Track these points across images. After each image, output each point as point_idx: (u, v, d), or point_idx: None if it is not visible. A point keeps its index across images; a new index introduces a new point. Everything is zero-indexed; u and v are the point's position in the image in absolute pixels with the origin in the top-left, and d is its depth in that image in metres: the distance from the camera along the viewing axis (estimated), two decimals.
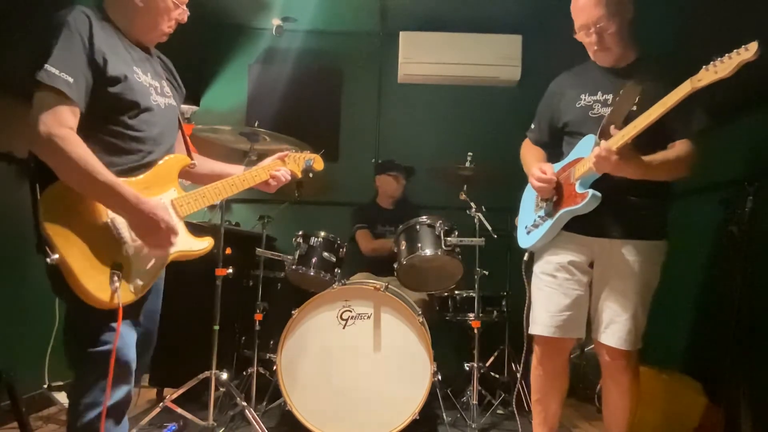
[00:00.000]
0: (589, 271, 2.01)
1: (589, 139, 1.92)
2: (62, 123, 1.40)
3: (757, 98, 2.44)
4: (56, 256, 1.38)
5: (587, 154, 1.87)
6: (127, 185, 1.49)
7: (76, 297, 1.43)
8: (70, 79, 1.42)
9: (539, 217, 2.07)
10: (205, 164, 1.94)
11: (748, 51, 1.49)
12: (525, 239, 2.15)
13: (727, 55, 1.53)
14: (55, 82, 1.40)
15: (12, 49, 2.41)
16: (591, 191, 1.86)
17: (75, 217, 1.45)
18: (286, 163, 2.11)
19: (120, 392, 1.52)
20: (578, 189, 1.91)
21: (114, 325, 1.47)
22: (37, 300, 2.73)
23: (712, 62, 1.57)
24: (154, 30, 1.67)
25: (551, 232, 2.03)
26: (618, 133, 1.79)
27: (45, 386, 2.80)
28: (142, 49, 1.68)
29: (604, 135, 1.84)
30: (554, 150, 2.18)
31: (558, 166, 2.07)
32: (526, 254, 2.20)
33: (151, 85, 1.66)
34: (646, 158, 1.80)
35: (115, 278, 1.46)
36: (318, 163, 2.26)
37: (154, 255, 1.59)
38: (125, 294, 1.49)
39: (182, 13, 1.70)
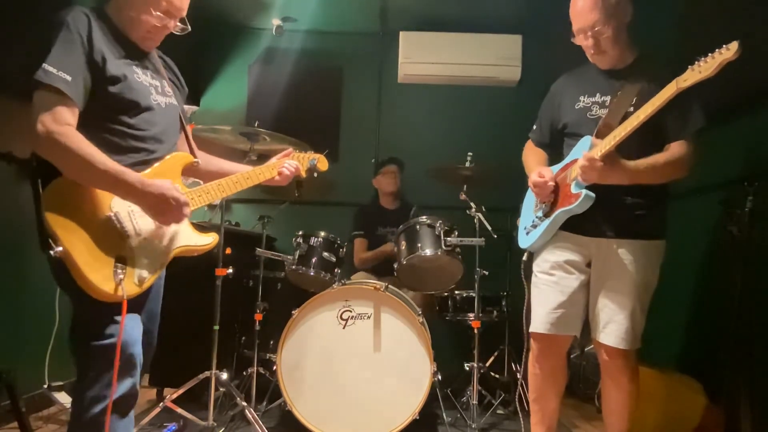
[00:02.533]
0: (586, 270, 2.02)
1: (586, 141, 1.93)
2: (60, 120, 1.42)
3: (757, 98, 2.44)
4: (60, 248, 1.39)
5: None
6: (131, 171, 1.50)
7: (80, 290, 1.44)
8: (68, 78, 1.43)
9: (537, 217, 2.10)
10: (214, 162, 1.95)
11: (729, 50, 1.52)
12: (524, 239, 2.18)
13: (710, 54, 1.56)
14: (53, 81, 1.41)
15: (12, 49, 2.41)
16: (584, 191, 1.87)
17: (78, 211, 1.46)
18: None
19: (124, 386, 1.53)
20: (573, 189, 1.93)
21: (118, 318, 1.47)
22: (37, 300, 2.73)
23: (696, 62, 1.60)
24: (138, 30, 1.64)
25: (548, 233, 2.05)
26: (601, 142, 1.80)
27: (45, 386, 2.80)
28: (142, 50, 1.68)
29: (600, 136, 1.85)
30: (555, 151, 2.19)
31: (557, 167, 2.09)
32: (525, 254, 2.22)
33: (151, 84, 1.67)
34: (632, 163, 1.81)
35: (119, 270, 1.47)
36: (322, 163, 2.27)
37: (161, 241, 1.59)
38: (129, 286, 1.50)
39: (166, 21, 1.66)
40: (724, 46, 1.53)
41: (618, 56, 1.98)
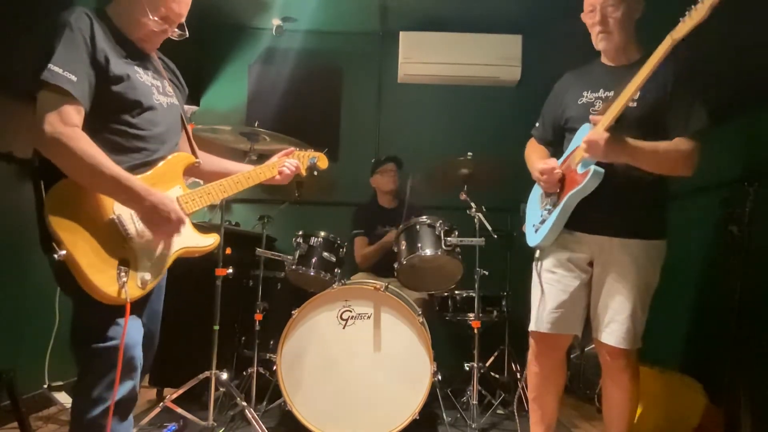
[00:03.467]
0: (588, 269, 2.02)
1: (586, 128, 1.93)
2: (67, 121, 1.42)
3: (757, 98, 2.44)
4: (63, 252, 1.39)
5: None
6: (136, 178, 1.50)
7: (83, 293, 1.44)
8: (74, 78, 1.43)
9: (546, 211, 2.06)
10: (215, 162, 1.96)
11: None
12: (533, 237, 2.13)
13: (700, 0, 1.57)
14: (59, 81, 1.41)
15: (13, 50, 2.41)
16: (593, 167, 1.84)
17: (81, 214, 1.46)
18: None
19: (124, 388, 1.53)
20: (579, 170, 1.90)
21: (120, 320, 1.47)
22: (37, 300, 2.73)
23: (687, 12, 1.60)
24: (137, 33, 1.65)
25: (559, 223, 1.99)
26: (605, 114, 1.80)
27: (45, 386, 2.80)
28: (143, 51, 1.69)
29: None
30: (558, 148, 2.19)
31: (560, 160, 2.07)
32: (537, 252, 2.16)
33: (153, 84, 1.67)
34: (633, 141, 1.80)
35: (123, 273, 1.47)
36: (322, 162, 2.27)
37: (162, 243, 1.60)
38: (132, 289, 1.50)
39: (164, 26, 1.66)
40: None
41: (622, 46, 1.97)
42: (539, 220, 2.11)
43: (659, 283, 1.97)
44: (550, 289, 2.04)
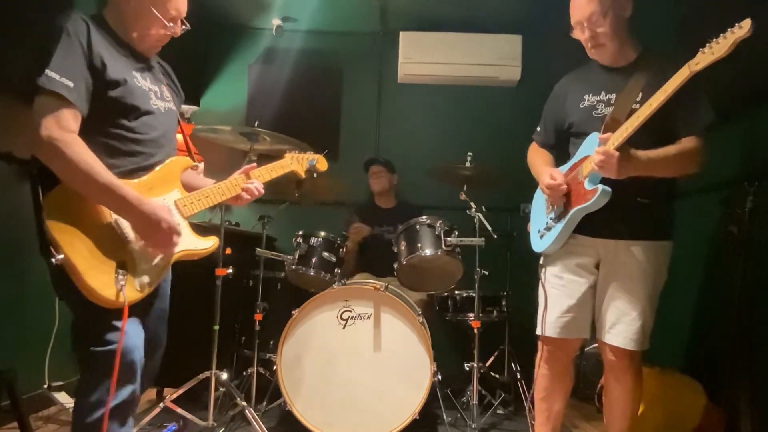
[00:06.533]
0: (595, 271, 2.01)
1: (594, 137, 1.91)
2: (64, 127, 1.42)
3: (757, 98, 2.44)
4: (61, 256, 1.39)
5: (593, 152, 1.85)
6: (129, 187, 1.50)
7: (80, 297, 1.44)
8: (70, 84, 1.44)
9: (551, 219, 2.05)
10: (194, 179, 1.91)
11: (742, 28, 1.50)
12: (538, 243, 2.13)
13: (722, 35, 1.54)
14: (56, 87, 1.41)
15: (12, 51, 2.41)
16: (601, 186, 1.84)
17: (79, 218, 1.46)
18: (291, 164, 2.12)
19: (124, 392, 1.52)
20: (587, 186, 1.89)
21: (118, 324, 1.47)
22: (37, 300, 2.73)
23: (708, 44, 1.58)
24: (145, 40, 1.67)
25: (565, 233, 2.00)
26: (614, 135, 1.79)
27: (45, 386, 2.80)
28: (140, 55, 1.69)
29: (609, 130, 1.84)
30: (561, 152, 2.18)
31: (565, 167, 2.06)
32: (542, 258, 2.15)
33: (151, 89, 1.68)
34: (643, 154, 1.80)
35: (120, 276, 1.47)
36: (321, 164, 2.27)
37: (158, 255, 1.59)
38: (131, 292, 1.50)
39: (174, 28, 1.69)
40: (736, 24, 1.51)
41: (618, 50, 1.96)
42: (544, 226, 2.09)
43: None
44: (557, 294, 2.03)
